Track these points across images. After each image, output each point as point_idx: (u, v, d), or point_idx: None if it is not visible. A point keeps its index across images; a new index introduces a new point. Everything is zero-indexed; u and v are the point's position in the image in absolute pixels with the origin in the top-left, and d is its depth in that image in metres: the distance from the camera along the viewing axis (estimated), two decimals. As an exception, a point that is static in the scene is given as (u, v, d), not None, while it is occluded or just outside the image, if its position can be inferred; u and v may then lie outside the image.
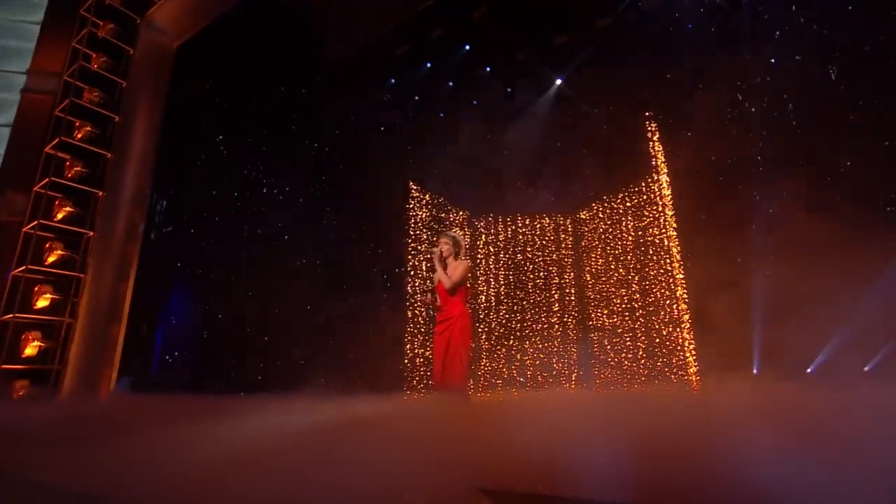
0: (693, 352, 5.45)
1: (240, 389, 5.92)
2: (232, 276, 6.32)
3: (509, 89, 8.07)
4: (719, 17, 5.88)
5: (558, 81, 7.71)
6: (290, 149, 7.06)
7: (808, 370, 5.58)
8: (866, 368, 5.24)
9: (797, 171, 4.91)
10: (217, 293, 6.28)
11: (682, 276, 5.55)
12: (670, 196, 5.82)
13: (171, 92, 6.74)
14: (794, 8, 5.35)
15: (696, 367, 5.40)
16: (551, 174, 7.78)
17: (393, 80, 7.96)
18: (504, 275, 7.93)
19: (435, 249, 3.80)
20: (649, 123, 6.13)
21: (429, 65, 7.97)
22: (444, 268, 3.72)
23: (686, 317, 5.52)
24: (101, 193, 6.02)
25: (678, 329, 6.02)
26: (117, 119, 6.25)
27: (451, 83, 8.10)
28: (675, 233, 5.82)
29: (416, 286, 6.95)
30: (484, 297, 7.76)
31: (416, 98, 7.95)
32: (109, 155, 6.13)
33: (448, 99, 8.02)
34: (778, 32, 5.20)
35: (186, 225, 6.51)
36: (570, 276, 7.81)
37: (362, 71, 7.42)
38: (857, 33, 4.72)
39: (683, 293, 5.62)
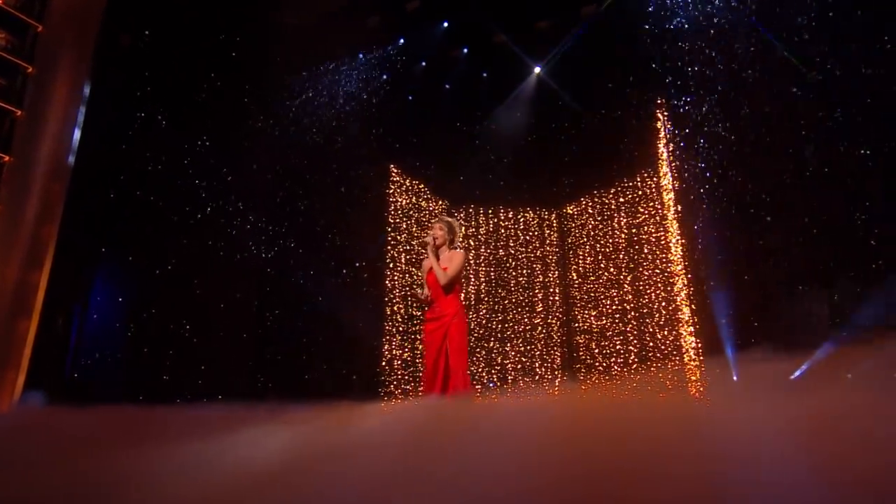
0: (697, 356, 5.18)
1: (175, 397, 5.17)
2: (169, 266, 5.46)
3: (485, 74, 7.63)
4: (712, 7, 5.67)
5: (537, 69, 7.34)
6: (243, 123, 6.23)
7: (792, 377, 5.53)
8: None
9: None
10: (150, 286, 5.40)
11: (689, 276, 5.25)
12: (673, 191, 5.49)
13: (102, 45, 5.69)
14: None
15: (699, 371, 5.13)
16: (536, 165, 7.40)
17: (362, 56, 7.27)
18: (485, 271, 7.42)
19: (427, 237, 3.29)
20: (662, 112, 5.80)
21: (402, 41, 7.37)
22: (437, 258, 3.24)
23: (695, 318, 5.22)
24: (7, 158, 4.95)
25: (675, 332, 5.78)
26: (30, 70, 5.16)
27: (423, 63, 7.55)
28: (676, 231, 5.52)
29: (395, 280, 6.32)
30: (463, 295, 7.19)
31: (385, 77, 7.31)
32: (19, 112, 5.05)
33: (421, 79, 7.46)
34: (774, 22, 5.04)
35: (116, 204, 5.54)
36: (554, 274, 7.44)
37: (327, 41, 6.68)
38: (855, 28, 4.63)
39: (687, 293, 5.33)
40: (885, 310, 5.00)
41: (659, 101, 5.72)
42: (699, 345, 5.22)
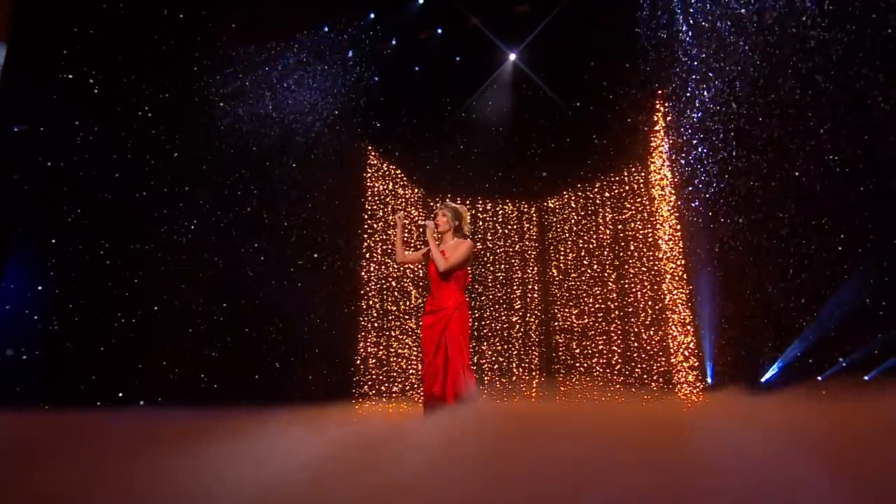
0: (689, 358, 5.00)
1: (105, 400, 4.55)
2: (101, 251, 4.77)
3: (458, 58, 7.26)
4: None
5: (512, 56, 7.05)
6: (191, 94, 5.56)
7: (763, 380, 5.53)
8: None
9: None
10: (78, 273, 4.69)
11: (686, 276, 5.05)
12: (670, 186, 5.22)
13: (23, -11, 4.88)
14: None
15: (692, 374, 4.96)
16: (515, 155, 7.08)
17: (326, 28, 6.72)
18: (460, 265, 7.03)
19: (429, 222, 3.08)
20: (661, 103, 5.53)
21: (372, 15, 6.88)
22: (439, 246, 3.06)
23: (689, 318, 5.02)
24: None
25: (661, 332, 5.60)
26: (-73, 11, 4.31)
27: (393, 41, 7.09)
28: (669, 228, 5.30)
29: (371, 272, 5.81)
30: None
31: (351, 53, 6.79)
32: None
33: (392, 60, 7.00)
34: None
35: (37, 179, 4.77)
36: (534, 270, 7.16)
37: (289, 10, 6.10)
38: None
39: (679, 292, 5.13)
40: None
41: (659, 92, 5.46)
42: (683, 347, 5.06)
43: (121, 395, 4.76)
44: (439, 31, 7.14)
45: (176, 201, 5.19)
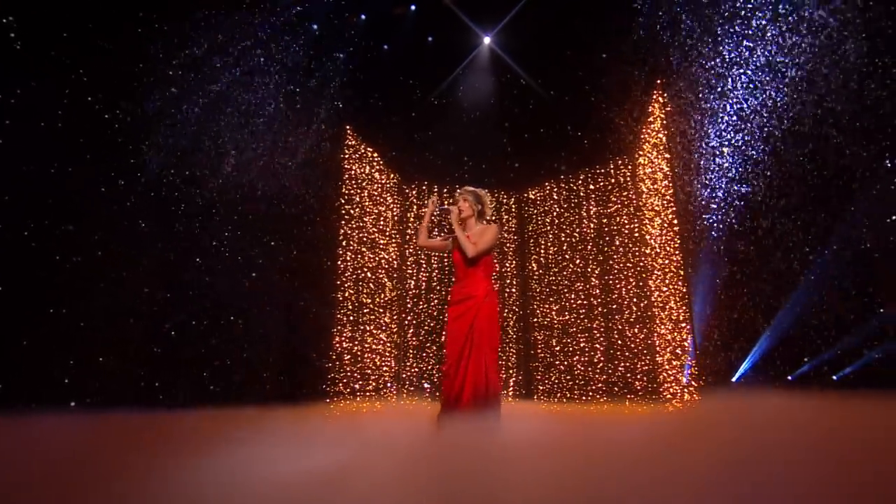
0: (681, 356, 4.83)
1: (28, 401, 4.01)
2: (26, 231, 4.18)
3: (430, 38, 6.91)
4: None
5: (487, 39, 6.77)
6: (139, 56, 4.93)
7: (734, 379, 5.52)
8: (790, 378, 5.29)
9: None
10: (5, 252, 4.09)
11: (679, 271, 4.86)
12: (666, 181, 5.00)
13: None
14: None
15: (682, 374, 4.79)
16: (494, 143, 6.76)
17: (290, -2, 6.19)
18: (437, 258, 6.64)
19: (452, 208, 2.95)
20: (659, 94, 5.28)
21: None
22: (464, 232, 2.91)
23: (683, 316, 4.84)
24: None
25: (646, 329, 5.43)
26: None
27: (363, 16, 6.65)
28: (660, 223, 5.08)
29: (347, 261, 5.34)
30: (414, 283, 6.42)
31: (316, 27, 6.31)
32: None
33: (361, 36, 6.56)
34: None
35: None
36: (512, 264, 6.88)
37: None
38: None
39: (671, 288, 4.95)
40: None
41: (658, 82, 5.22)
42: (673, 345, 4.91)
43: (47, 395, 4.21)
44: (412, 7, 6.75)
45: (115, 178, 4.58)
